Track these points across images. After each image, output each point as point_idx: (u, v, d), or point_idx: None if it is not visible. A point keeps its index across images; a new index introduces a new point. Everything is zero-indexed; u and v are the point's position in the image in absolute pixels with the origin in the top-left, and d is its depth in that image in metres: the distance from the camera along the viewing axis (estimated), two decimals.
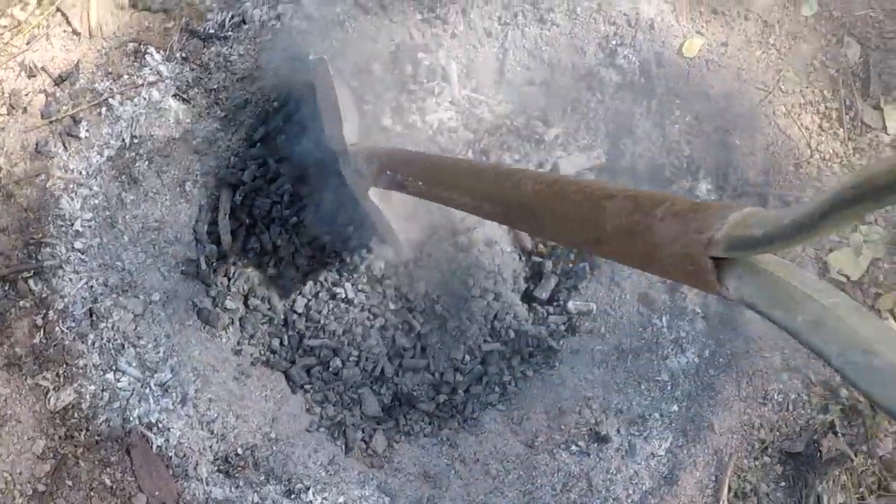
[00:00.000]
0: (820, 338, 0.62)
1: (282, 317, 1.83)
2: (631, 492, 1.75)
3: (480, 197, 1.12)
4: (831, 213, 0.57)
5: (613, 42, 1.91)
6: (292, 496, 1.68)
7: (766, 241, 0.65)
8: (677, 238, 0.75)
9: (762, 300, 0.67)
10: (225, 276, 1.81)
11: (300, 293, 1.83)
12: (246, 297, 1.83)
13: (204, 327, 1.77)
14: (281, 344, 1.82)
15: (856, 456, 1.77)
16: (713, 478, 1.77)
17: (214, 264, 1.81)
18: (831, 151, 1.92)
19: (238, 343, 1.80)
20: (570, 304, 1.89)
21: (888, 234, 1.92)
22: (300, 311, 1.82)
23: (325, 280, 1.83)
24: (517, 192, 1.04)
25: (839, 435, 1.79)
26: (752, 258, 0.69)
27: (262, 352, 1.82)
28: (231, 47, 1.82)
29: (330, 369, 1.81)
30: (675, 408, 1.79)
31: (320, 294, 1.83)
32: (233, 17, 1.82)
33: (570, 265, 1.91)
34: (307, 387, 1.80)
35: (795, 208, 0.62)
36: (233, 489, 1.65)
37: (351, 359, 1.81)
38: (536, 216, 1.01)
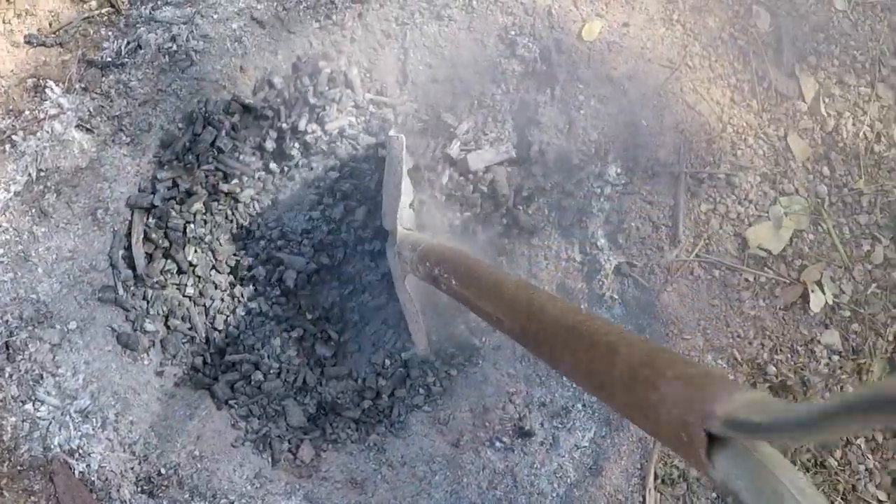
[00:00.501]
0: None
1: (203, 335, 1.85)
2: (556, 485, 1.74)
3: (501, 309, 1.12)
4: (838, 419, 0.57)
5: (512, 32, 1.89)
6: None
7: (766, 429, 0.64)
8: (678, 402, 0.73)
9: (747, 490, 0.66)
10: (143, 299, 1.83)
11: (219, 310, 1.85)
12: (166, 318, 1.85)
13: (124, 352, 1.79)
14: (204, 362, 1.84)
15: None
16: (639, 466, 1.75)
17: (132, 289, 1.83)
18: (745, 124, 1.88)
19: (160, 364, 1.82)
20: None
21: (810, 203, 1.88)
22: (220, 328, 1.84)
23: (242, 296, 1.85)
24: (534, 312, 1.02)
25: None
26: (748, 444, 0.68)
27: (186, 371, 1.84)
28: (129, 73, 1.84)
29: (252, 383, 1.82)
30: None
31: (237, 310, 1.84)
32: (128, 43, 1.84)
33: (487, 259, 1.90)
34: (231, 402, 1.82)
35: (804, 405, 0.61)
36: None
37: (272, 371, 1.82)
38: (549, 343, 0.99)
